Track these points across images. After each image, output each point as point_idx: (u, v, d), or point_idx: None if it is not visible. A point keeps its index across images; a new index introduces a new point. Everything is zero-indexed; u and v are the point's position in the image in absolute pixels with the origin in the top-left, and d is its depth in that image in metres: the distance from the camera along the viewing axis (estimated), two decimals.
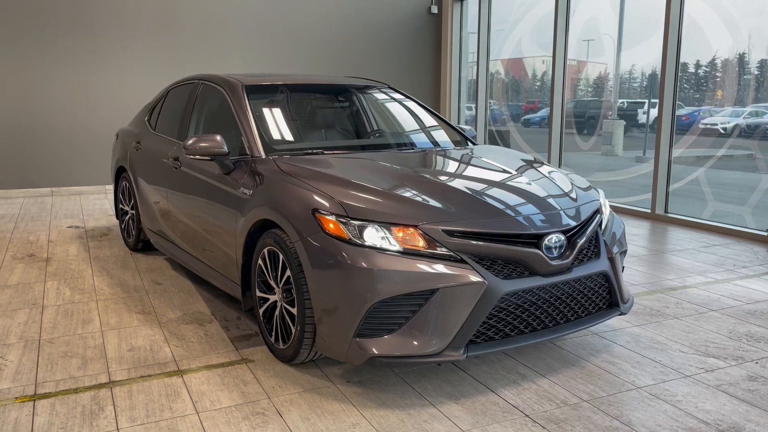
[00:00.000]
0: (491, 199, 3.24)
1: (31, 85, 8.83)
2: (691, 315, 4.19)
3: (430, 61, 11.35)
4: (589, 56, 12.92)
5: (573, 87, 13.30)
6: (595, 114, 13.20)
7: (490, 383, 3.19)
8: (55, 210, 7.96)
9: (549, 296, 3.12)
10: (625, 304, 3.52)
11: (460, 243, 2.94)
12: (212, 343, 3.71)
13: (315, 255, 3.02)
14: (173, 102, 5.23)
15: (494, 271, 2.96)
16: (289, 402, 3.00)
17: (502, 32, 12.05)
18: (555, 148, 9.16)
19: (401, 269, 2.85)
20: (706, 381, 3.23)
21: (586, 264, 3.24)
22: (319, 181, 3.28)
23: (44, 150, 9.01)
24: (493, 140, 11.03)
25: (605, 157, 12.84)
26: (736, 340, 3.77)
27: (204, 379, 3.24)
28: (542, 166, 3.99)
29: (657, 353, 3.57)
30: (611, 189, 10.40)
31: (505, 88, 13.36)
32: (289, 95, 4.58)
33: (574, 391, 3.11)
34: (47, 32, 8.80)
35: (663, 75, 7.29)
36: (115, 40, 9.18)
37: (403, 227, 2.96)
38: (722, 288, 4.78)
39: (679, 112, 10.01)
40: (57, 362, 3.44)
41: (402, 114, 4.94)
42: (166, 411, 2.91)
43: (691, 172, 9.24)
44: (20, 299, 4.49)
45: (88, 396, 3.06)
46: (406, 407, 2.95)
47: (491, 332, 3.00)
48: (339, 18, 10.53)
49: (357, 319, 2.88)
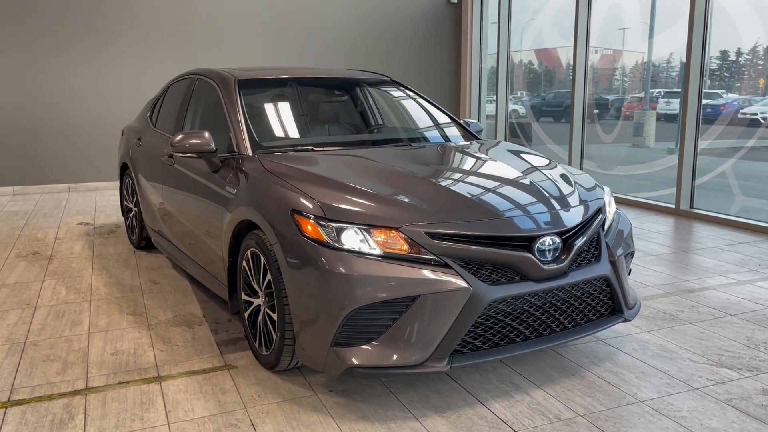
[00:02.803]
0: (482, 199, 3.03)
1: (50, 82, 8.85)
2: (706, 320, 3.93)
3: (449, 53, 11.10)
4: (624, 45, 12.45)
5: (609, 77, 12.88)
6: (623, 104, 12.76)
7: (481, 394, 3.00)
8: (68, 206, 7.96)
9: (542, 303, 2.92)
10: (631, 310, 3.29)
11: (444, 246, 2.76)
12: (198, 347, 3.59)
13: (293, 258, 2.86)
14: (172, 98, 5.12)
15: (481, 276, 2.76)
16: (265, 413, 2.85)
17: (533, 22, 11.73)
18: (576, 140, 8.86)
19: (380, 274, 2.68)
20: (715, 394, 2.99)
21: (584, 268, 3.02)
22: (300, 181, 3.12)
23: (61, 146, 9.04)
24: (513, 133, 10.74)
25: (636, 149, 12.42)
26: (754, 348, 3.51)
27: (182, 386, 3.12)
28: (544, 163, 3.76)
29: (665, 362, 3.33)
30: (638, 183, 10.04)
31: (538, 79, 13.02)
32: (285, 90, 4.42)
33: (570, 404, 2.90)
34: (67, 30, 8.81)
35: (688, 64, 6.95)
36: (133, 37, 9.15)
37: (385, 230, 2.78)
38: (744, 290, 4.49)
39: (716, 101, 9.58)
40: (37, 366, 3.36)
41: (403, 108, 4.75)
42: (137, 421, 2.80)
43: (720, 164, 8.82)
44: (15, 299, 4.43)
45: (61, 403, 2.96)
46: (387, 420, 2.78)
47: (478, 341, 2.81)
48: (354, 10, 10.35)
49: (334, 328, 2.72)
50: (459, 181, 3.30)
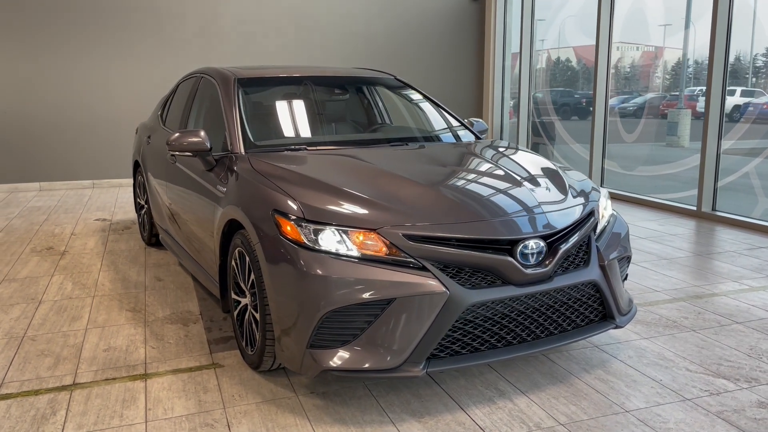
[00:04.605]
0: (465, 201, 2.97)
1: (75, 80, 9.03)
2: (711, 327, 3.80)
3: (471, 52, 10.98)
4: (663, 41, 12.09)
5: (650, 74, 12.57)
6: (658, 103, 12.43)
7: (463, 400, 2.94)
8: (90, 202, 8.11)
9: (525, 308, 2.84)
10: (624, 316, 3.19)
11: (422, 248, 2.71)
12: (189, 345, 3.61)
13: (272, 258, 2.85)
14: (180, 96, 5.17)
15: (460, 279, 2.71)
16: (242, 413, 2.84)
17: (572, 18, 11.50)
18: (598, 139, 8.69)
19: (356, 277, 2.65)
20: (707, 406, 2.88)
21: (571, 272, 2.94)
22: (284, 181, 3.10)
23: (86, 143, 9.22)
24: (536, 132, 10.57)
25: (670, 149, 12.10)
26: (756, 358, 3.38)
27: (167, 384, 3.13)
28: (539, 165, 3.65)
29: (659, 371, 3.22)
30: (665, 183, 9.78)
31: (576, 77, 12.78)
32: (285, 89, 4.42)
33: (553, 412, 2.83)
34: (93, 29, 8.98)
35: (711, 62, 6.74)
36: (158, 35, 9.28)
37: (363, 231, 2.75)
38: (755, 297, 4.33)
39: (759, 99, 9.24)
40: (30, 361, 3.41)
41: (404, 107, 4.70)
42: (116, 418, 2.82)
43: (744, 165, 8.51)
44: (22, 293, 4.53)
45: (46, 399, 3.00)
46: (364, 424, 2.75)
47: (457, 346, 2.76)
48: (376, 8, 10.31)
49: (310, 329, 2.70)
50: (446, 182, 3.23)
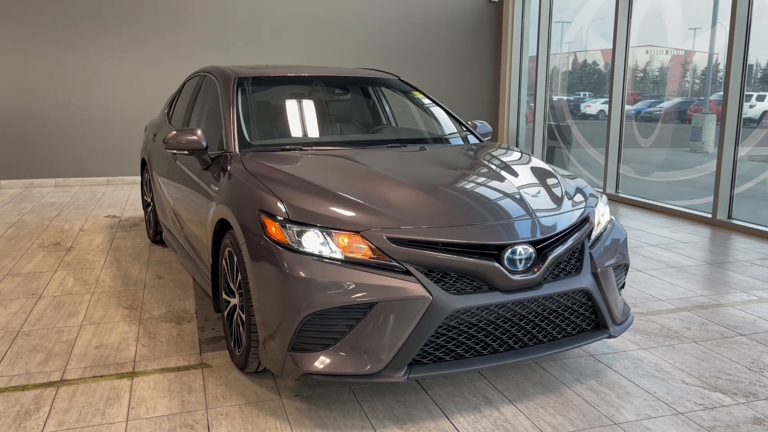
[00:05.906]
0: (453, 204, 2.91)
1: (91, 78, 9.13)
2: (713, 339, 3.69)
3: (488, 54, 10.89)
4: (680, 44, 11.86)
5: (678, 78, 12.36)
6: (684, 108, 12.19)
7: (448, 407, 2.89)
8: (102, 199, 8.19)
9: (512, 315, 2.78)
10: (618, 326, 3.11)
11: (407, 252, 2.66)
12: (180, 344, 3.60)
13: (257, 259, 2.82)
14: (185, 94, 5.18)
15: (445, 284, 2.65)
16: (224, 415, 2.82)
17: (601, 21, 11.35)
18: (613, 143, 8.55)
19: (337, 280, 2.61)
20: (699, 420, 2.78)
21: (562, 279, 2.87)
22: (272, 181, 3.07)
23: (101, 140, 9.31)
24: (552, 135, 10.44)
25: (693, 154, 11.87)
26: (756, 372, 3.27)
27: (153, 383, 3.12)
28: (535, 169, 3.57)
29: (654, 383, 3.13)
30: (683, 190, 9.59)
31: (603, 80, 12.61)
32: (285, 88, 4.40)
33: (539, 422, 2.76)
34: (109, 27, 9.07)
35: (728, 67, 6.59)
36: (173, 33, 9.35)
37: (347, 233, 2.71)
38: (763, 308, 4.20)
39: None
40: (22, 356, 3.43)
41: (406, 109, 4.65)
42: (98, 416, 2.81)
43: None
44: (24, 288, 4.56)
45: (32, 395, 3.00)
46: (344, 429, 2.71)
47: (440, 352, 2.70)
48: (392, 9, 10.27)
49: (291, 332, 2.66)
50: (437, 185, 3.16)
